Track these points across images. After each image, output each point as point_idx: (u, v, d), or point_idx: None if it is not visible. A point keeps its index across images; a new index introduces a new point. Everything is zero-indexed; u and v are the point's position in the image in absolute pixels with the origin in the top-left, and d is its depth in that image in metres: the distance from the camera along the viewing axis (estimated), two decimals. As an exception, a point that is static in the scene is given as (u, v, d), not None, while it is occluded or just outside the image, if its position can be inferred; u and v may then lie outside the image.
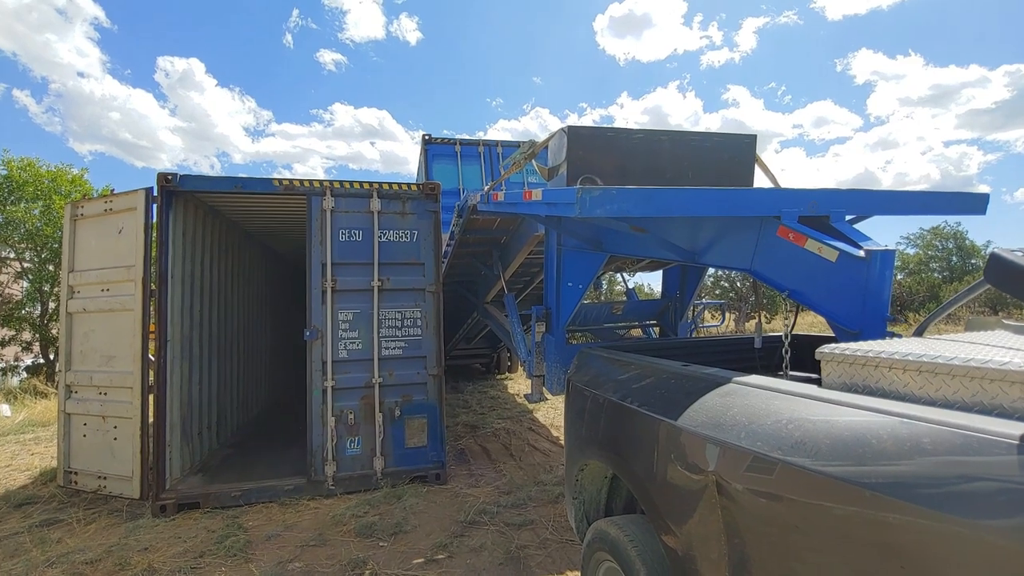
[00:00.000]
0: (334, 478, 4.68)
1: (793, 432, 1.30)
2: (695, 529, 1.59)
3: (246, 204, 5.57)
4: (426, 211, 5.09)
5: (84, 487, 4.72)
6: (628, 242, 3.65)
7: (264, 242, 7.82)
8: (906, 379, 1.29)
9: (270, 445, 6.08)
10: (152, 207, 4.56)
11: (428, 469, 4.92)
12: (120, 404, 4.53)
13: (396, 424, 4.87)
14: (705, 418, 1.59)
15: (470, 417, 7.67)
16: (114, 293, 4.64)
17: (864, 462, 1.11)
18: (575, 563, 3.43)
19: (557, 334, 4.13)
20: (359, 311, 4.87)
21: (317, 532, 3.96)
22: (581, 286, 4.05)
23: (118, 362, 4.59)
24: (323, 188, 4.84)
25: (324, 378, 4.72)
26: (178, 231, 4.84)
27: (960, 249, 34.03)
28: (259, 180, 4.85)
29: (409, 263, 5.01)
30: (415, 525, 4.04)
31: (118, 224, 4.66)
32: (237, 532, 3.96)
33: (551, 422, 7.39)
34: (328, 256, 4.79)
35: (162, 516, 4.29)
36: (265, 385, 8.24)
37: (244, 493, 4.52)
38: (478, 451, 6.08)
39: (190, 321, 5.11)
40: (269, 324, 8.52)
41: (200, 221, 5.36)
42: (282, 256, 8.95)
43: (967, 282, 26.10)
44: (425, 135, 9.10)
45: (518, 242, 5.23)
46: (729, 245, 2.79)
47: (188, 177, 4.66)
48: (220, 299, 6.00)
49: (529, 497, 4.50)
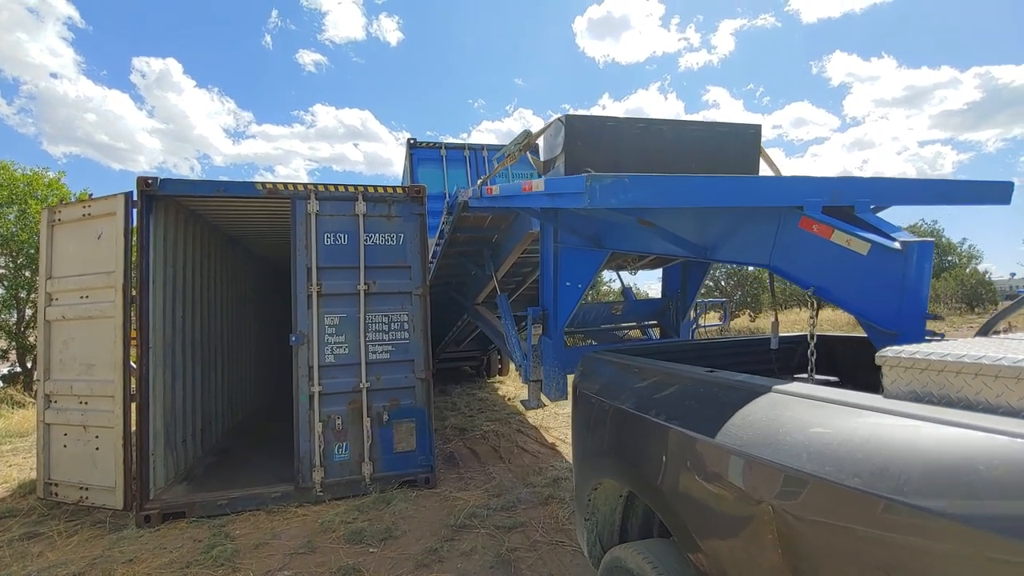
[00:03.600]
0: (322, 484, 4.64)
1: (873, 456, 1.08)
2: (744, 560, 1.38)
3: (229, 208, 5.50)
4: (412, 214, 5.07)
5: (65, 498, 4.62)
6: (632, 238, 3.41)
7: (247, 246, 7.73)
8: (999, 387, 1.08)
9: (256, 452, 6.01)
10: (132, 212, 4.48)
11: (417, 473, 4.89)
12: (101, 413, 4.44)
13: (384, 429, 4.84)
14: (751, 435, 1.38)
15: (459, 420, 7.65)
16: (94, 300, 4.55)
17: (975, 495, 0.91)
18: (566, 565, 3.44)
19: (555, 337, 3.95)
20: (345, 315, 4.84)
21: (306, 539, 3.92)
22: (580, 286, 3.84)
23: (99, 370, 4.50)
24: (307, 191, 4.79)
25: (311, 383, 4.68)
26: (159, 236, 4.76)
27: (938, 246, 34.76)
28: (242, 184, 4.80)
29: (395, 266, 4.99)
30: (405, 530, 4.02)
31: (97, 229, 4.58)
32: (224, 541, 3.91)
33: (540, 423, 7.40)
34: (313, 260, 4.74)
35: (146, 526, 4.21)
36: (250, 391, 8.13)
37: (231, 501, 4.46)
38: (467, 454, 6.07)
39: (172, 327, 5.03)
40: (253, 329, 8.42)
41: (181, 225, 5.28)
42: (266, 260, 8.85)
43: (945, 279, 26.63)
44: (410, 139, 9.08)
45: (511, 240, 5.06)
46: (745, 239, 2.58)
47: (169, 181, 4.59)
48: (203, 304, 5.92)
49: (519, 499, 4.51)
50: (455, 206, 4.71)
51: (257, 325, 8.63)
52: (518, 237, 4.83)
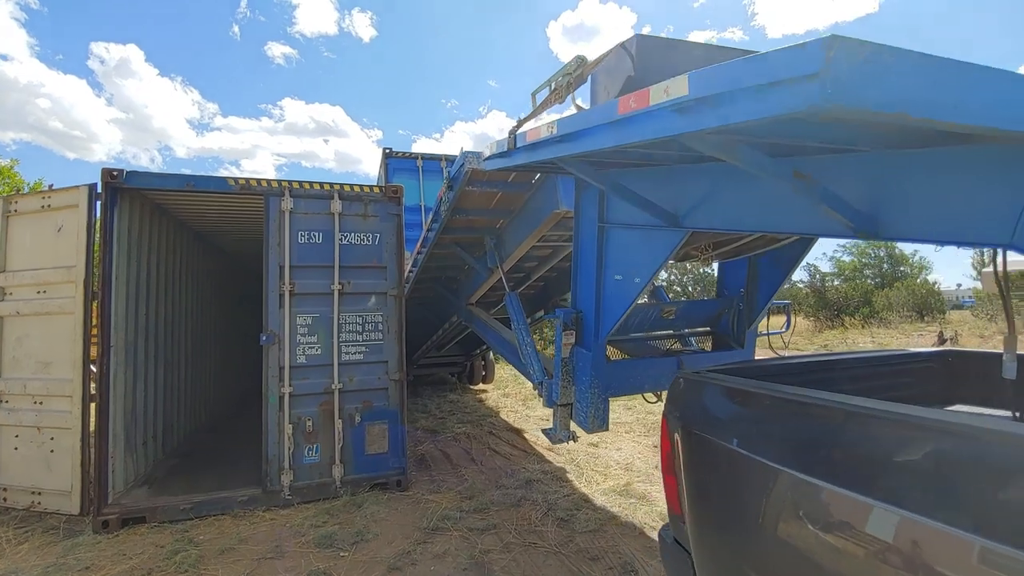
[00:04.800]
0: (291, 487, 4.55)
1: None
2: None
3: (198, 203, 5.34)
4: (389, 214, 5.02)
5: (15, 504, 4.39)
6: (732, 207, 2.29)
7: (216, 243, 7.51)
8: None
9: (222, 455, 5.84)
10: (96, 204, 4.32)
11: (389, 476, 4.84)
12: (58, 414, 4.25)
13: (356, 431, 4.78)
14: None
15: (430, 422, 7.60)
16: (52, 295, 4.36)
17: None
18: (539, 566, 3.46)
19: (594, 348, 3.18)
20: (318, 315, 4.76)
21: (274, 544, 3.84)
22: (639, 280, 2.94)
23: (55, 368, 4.31)
24: (281, 188, 4.71)
25: (281, 384, 4.58)
26: (123, 230, 4.58)
27: (891, 257, 36.38)
28: (213, 179, 4.68)
29: (371, 266, 4.94)
30: (377, 533, 3.97)
31: (57, 222, 4.39)
32: (188, 547, 3.78)
33: (512, 424, 7.43)
34: (286, 258, 4.65)
35: (104, 532, 4.04)
36: (216, 392, 7.90)
37: (195, 506, 4.32)
38: (439, 456, 6.04)
39: (135, 325, 4.85)
40: (221, 328, 8.18)
41: (147, 220, 5.10)
42: (235, 257, 8.62)
43: (897, 289, 27.86)
44: (386, 149, 8.94)
45: (526, 224, 4.20)
46: (961, 201, 1.49)
47: (136, 173, 4.44)
48: (168, 302, 5.73)
49: (492, 501, 4.51)
50: (459, 178, 3.83)
51: (225, 324, 8.39)
52: (537, 219, 3.96)
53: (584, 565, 3.45)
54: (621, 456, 5.83)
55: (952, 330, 17.68)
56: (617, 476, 5.15)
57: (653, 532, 3.88)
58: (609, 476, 5.17)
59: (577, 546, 3.71)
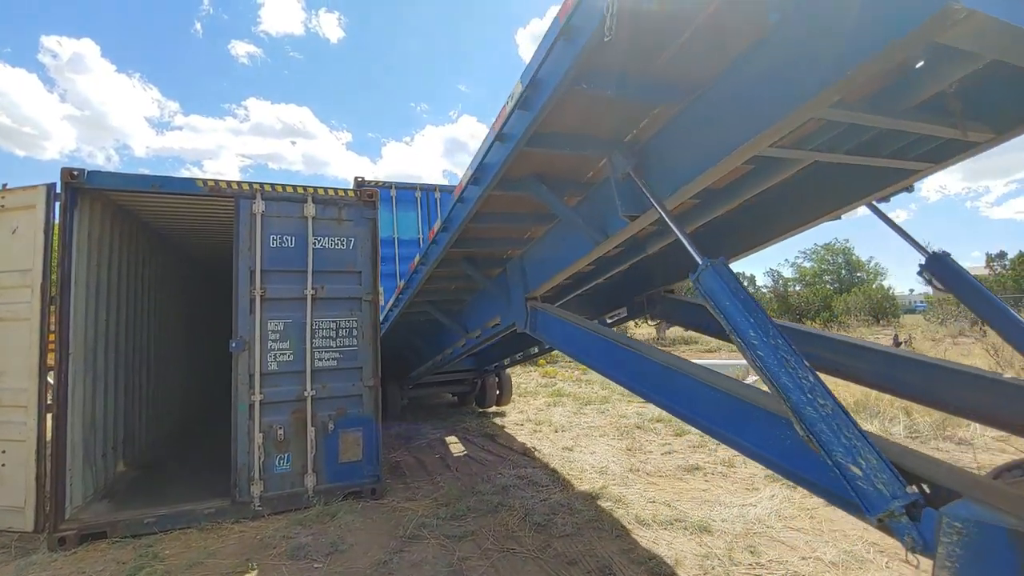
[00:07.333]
0: (261, 498, 4.42)
1: None
2: None
3: (163, 205, 5.16)
4: (364, 218, 4.96)
5: (-39, 521, 4.14)
6: None
7: (182, 246, 7.27)
8: None
9: (188, 465, 5.65)
10: (55, 205, 4.13)
11: (363, 484, 4.76)
12: (11, 425, 4.03)
13: (329, 439, 4.68)
14: None
15: (402, 428, 7.52)
16: (5, 300, 4.14)
17: None
18: (518, 571, 3.45)
19: None
20: (290, 320, 4.66)
21: (244, 557, 3.72)
22: None
23: (9, 378, 4.09)
24: (253, 191, 4.60)
25: (251, 392, 4.46)
26: (83, 233, 4.39)
27: (848, 263, 37.80)
28: (181, 180, 4.54)
29: (345, 271, 4.86)
30: (352, 543, 3.90)
31: (11, 223, 4.18)
32: (152, 562, 3.64)
33: (487, 431, 7.40)
34: (257, 263, 4.54)
35: (60, 550, 3.85)
36: (182, 400, 7.62)
37: (159, 519, 4.15)
38: (413, 463, 5.97)
39: (95, 331, 4.65)
40: (188, 334, 7.92)
41: (109, 222, 4.90)
42: (202, 262, 8.35)
43: (854, 294, 28.95)
44: (358, 178, 8.37)
45: None
46: None
47: (97, 173, 4.27)
48: (130, 307, 5.51)
49: (468, 508, 4.48)
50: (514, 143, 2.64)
51: (192, 330, 8.12)
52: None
53: (562, 569, 3.45)
54: (595, 460, 5.87)
55: (907, 333, 18.45)
56: (592, 480, 5.19)
57: (630, 534, 3.92)
58: (584, 480, 5.20)
59: (555, 551, 3.71)
